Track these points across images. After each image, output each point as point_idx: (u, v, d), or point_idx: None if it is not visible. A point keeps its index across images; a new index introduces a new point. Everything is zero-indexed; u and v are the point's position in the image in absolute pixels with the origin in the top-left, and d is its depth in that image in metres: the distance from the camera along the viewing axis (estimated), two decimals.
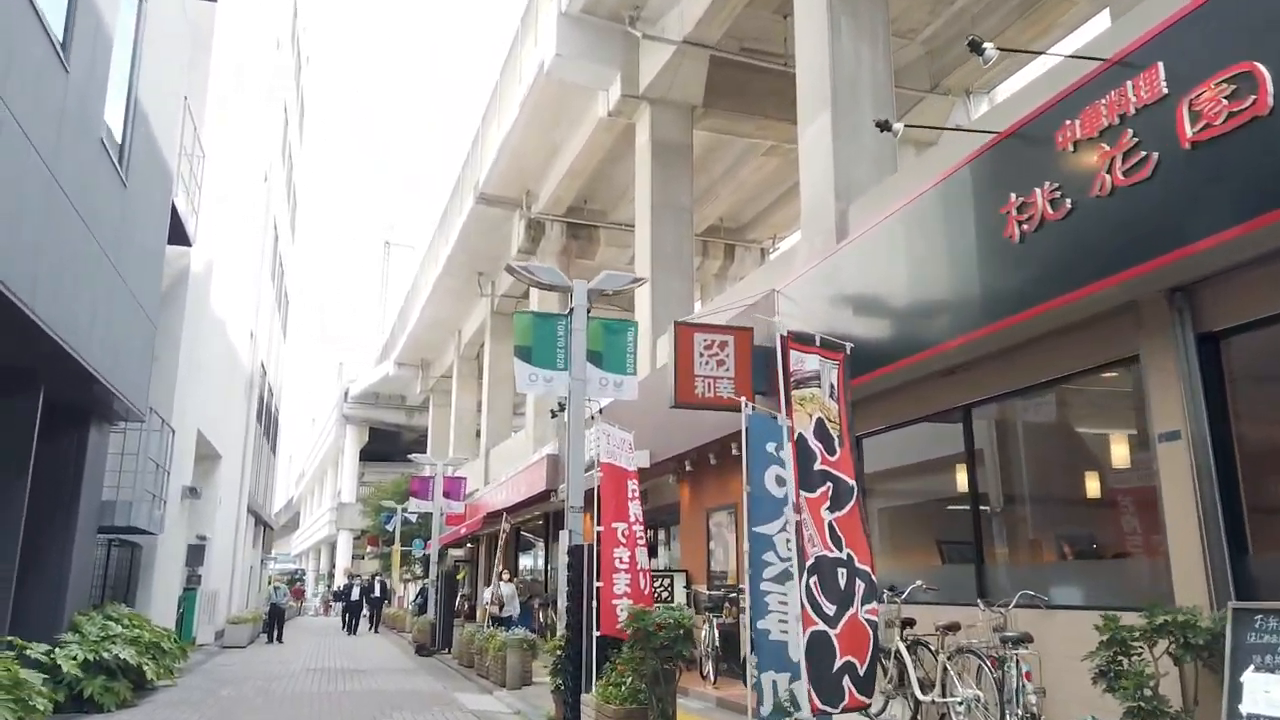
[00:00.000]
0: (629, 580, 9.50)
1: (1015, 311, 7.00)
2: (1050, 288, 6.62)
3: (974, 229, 7.59)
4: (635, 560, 9.76)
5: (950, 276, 7.91)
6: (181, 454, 15.37)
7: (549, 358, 10.98)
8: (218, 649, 19.77)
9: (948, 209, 8.04)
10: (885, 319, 9.03)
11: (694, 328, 10.92)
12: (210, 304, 16.91)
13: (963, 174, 7.83)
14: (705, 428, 12.39)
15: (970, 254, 7.61)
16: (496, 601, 16.57)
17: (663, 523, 15.93)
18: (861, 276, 9.69)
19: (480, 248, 31.30)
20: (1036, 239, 6.79)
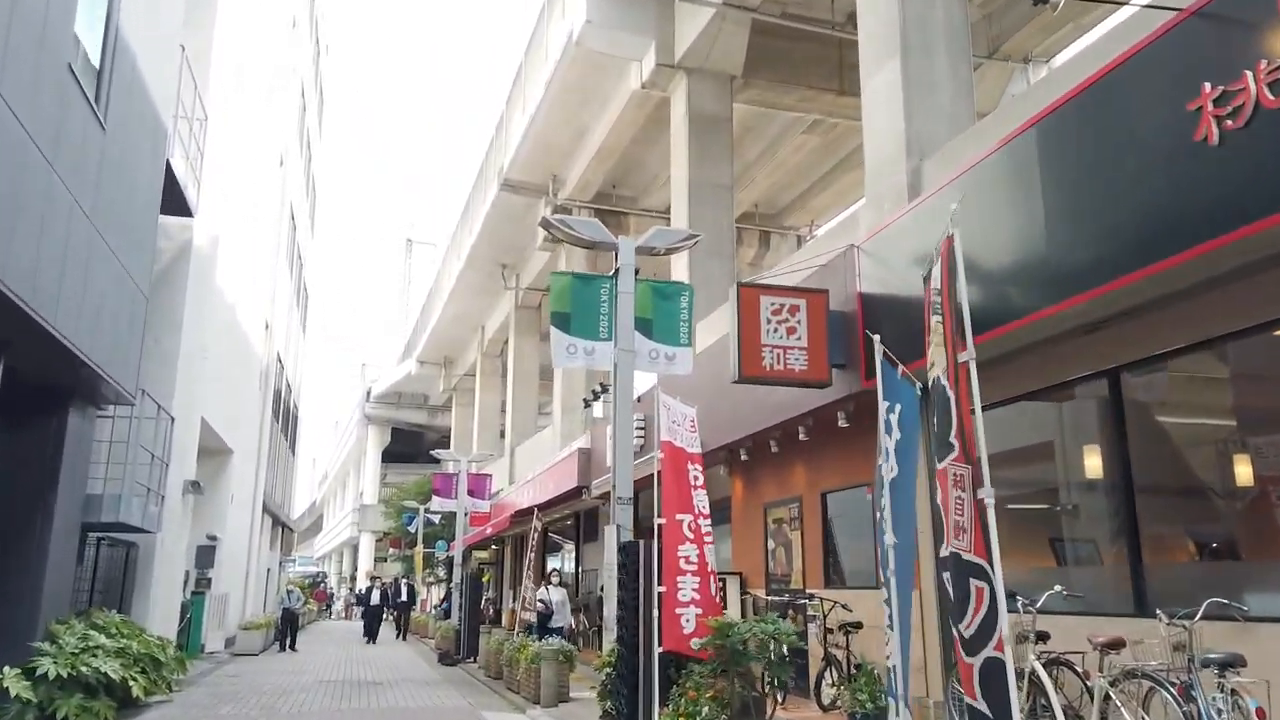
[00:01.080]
0: (697, 584, 7.85)
1: (1211, 236, 5.31)
2: (1271, 197, 4.95)
3: (1140, 139, 5.91)
4: (704, 560, 8.10)
5: (1103, 206, 6.22)
6: (183, 445, 13.90)
7: (590, 326, 9.39)
8: (228, 657, 18.29)
9: (1095, 123, 6.36)
10: (1003, 269, 7.34)
11: (760, 290, 9.30)
12: (217, 284, 15.44)
13: (1118, 76, 6.16)
14: (765, 410, 10.74)
15: (1137, 172, 5.93)
16: (536, 607, 14.47)
17: None
18: (966, 221, 8.00)
19: (504, 239, 29.83)
20: (1245, 136, 5.12)
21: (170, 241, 13.93)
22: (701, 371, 13.25)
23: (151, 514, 12.36)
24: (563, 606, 14.81)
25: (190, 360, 14.02)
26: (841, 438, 9.99)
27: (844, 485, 10.16)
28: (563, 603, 14.91)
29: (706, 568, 8.11)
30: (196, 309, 14.14)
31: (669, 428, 8.33)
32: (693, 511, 8.25)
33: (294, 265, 28.06)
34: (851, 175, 24.64)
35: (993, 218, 7.40)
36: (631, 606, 7.60)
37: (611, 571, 8.65)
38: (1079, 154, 6.51)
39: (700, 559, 8.05)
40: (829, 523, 10.56)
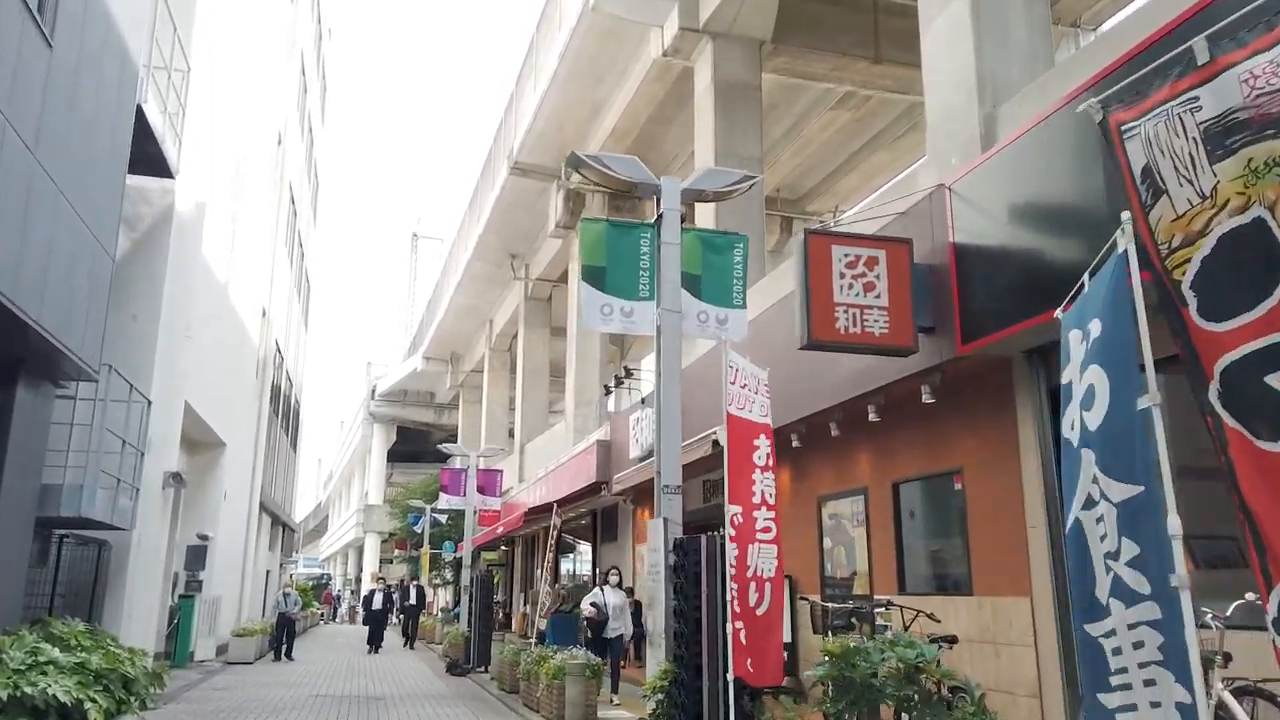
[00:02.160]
0: (771, 593, 6.24)
1: None
2: None
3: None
4: (781, 563, 6.51)
5: None
6: (163, 433, 12.35)
7: (628, 283, 7.81)
8: (219, 665, 16.72)
9: None
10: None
11: (832, 239, 7.71)
12: (204, 257, 13.90)
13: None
14: (825, 388, 9.17)
15: None
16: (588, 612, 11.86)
17: None
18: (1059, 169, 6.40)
19: (513, 226, 28.29)
20: None
21: (149, 207, 12.40)
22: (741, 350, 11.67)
23: (123, 508, 10.80)
24: (621, 612, 11.98)
25: (172, 339, 12.48)
26: (923, 417, 8.41)
27: (924, 473, 8.57)
28: (622, 607, 12.05)
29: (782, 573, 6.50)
30: (179, 283, 12.59)
31: (736, 397, 6.73)
32: (765, 501, 6.66)
33: (294, 253, 26.52)
34: (881, 155, 23.07)
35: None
36: (691, 619, 6.02)
37: (657, 574, 7.08)
38: None
39: (779, 564, 6.44)
40: (903, 518, 8.97)
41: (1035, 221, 6.76)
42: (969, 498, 7.91)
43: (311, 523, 79.74)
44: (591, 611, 11.71)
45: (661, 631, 6.91)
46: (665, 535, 7.10)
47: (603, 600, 11.82)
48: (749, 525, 6.26)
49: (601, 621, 11.70)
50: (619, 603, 12.03)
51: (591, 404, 24.83)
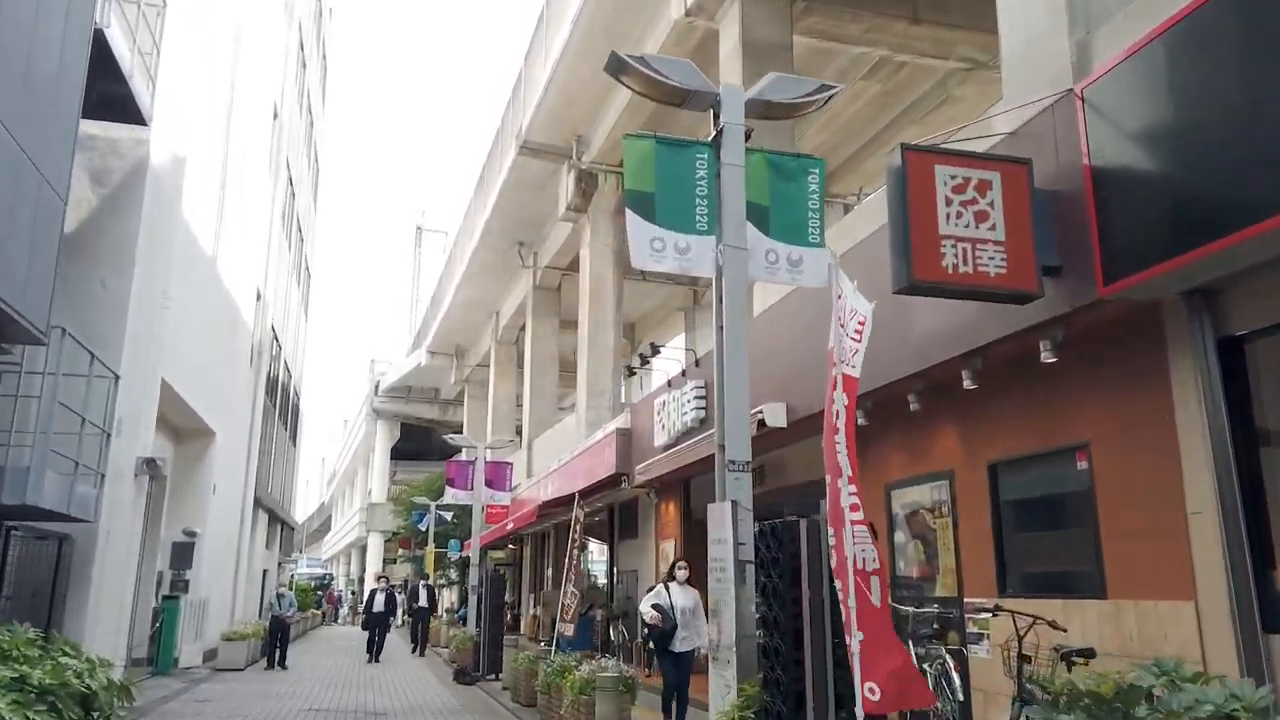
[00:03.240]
0: (881, 593, 4.67)
1: None
2: None
3: None
4: (884, 558, 4.93)
5: None
6: (136, 412, 10.82)
7: (683, 212, 6.25)
8: (206, 673, 15.17)
9: None
10: None
11: (935, 157, 6.15)
12: (186, 221, 12.36)
13: None
14: (904, 351, 7.63)
15: None
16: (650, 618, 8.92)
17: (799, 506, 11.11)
18: None
19: (521, 212, 26.76)
20: None
21: (120, 160, 10.89)
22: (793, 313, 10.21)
23: (83, 497, 9.27)
24: (694, 617, 8.88)
25: (146, 309, 10.95)
26: (1034, 382, 6.87)
27: (1033, 451, 7.01)
28: (694, 610, 8.92)
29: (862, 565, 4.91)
30: (155, 246, 11.06)
31: (840, 347, 5.15)
32: (838, 471, 5.09)
33: (293, 236, 25.00)
34: (911, 131, 21.50)
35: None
36: (789, 629, 4.48)
37: (724, 571, 5.54)
38: None
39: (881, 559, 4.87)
40: (1001, 505, 7.41)
41: (1204, 128, 5.24)
42: (1097, 478, 6.36)
43: (315, 522, 78.16)
44: (655, 617, 8.77)
45: (732, 644, 5.38)
46: (734, 523, 5.55)
47: (668, 601, 8.83)
48: (835, 501, 4.67)
49: (668, 631, 8.77)
50: (690, 605, 8.94)
51: (604, 395, 23.29)
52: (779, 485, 11.56)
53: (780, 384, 9.95)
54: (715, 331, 6.20)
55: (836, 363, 4.88)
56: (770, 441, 10.79)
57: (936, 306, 7.05)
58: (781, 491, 11.42)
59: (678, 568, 9.27)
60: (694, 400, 12.32)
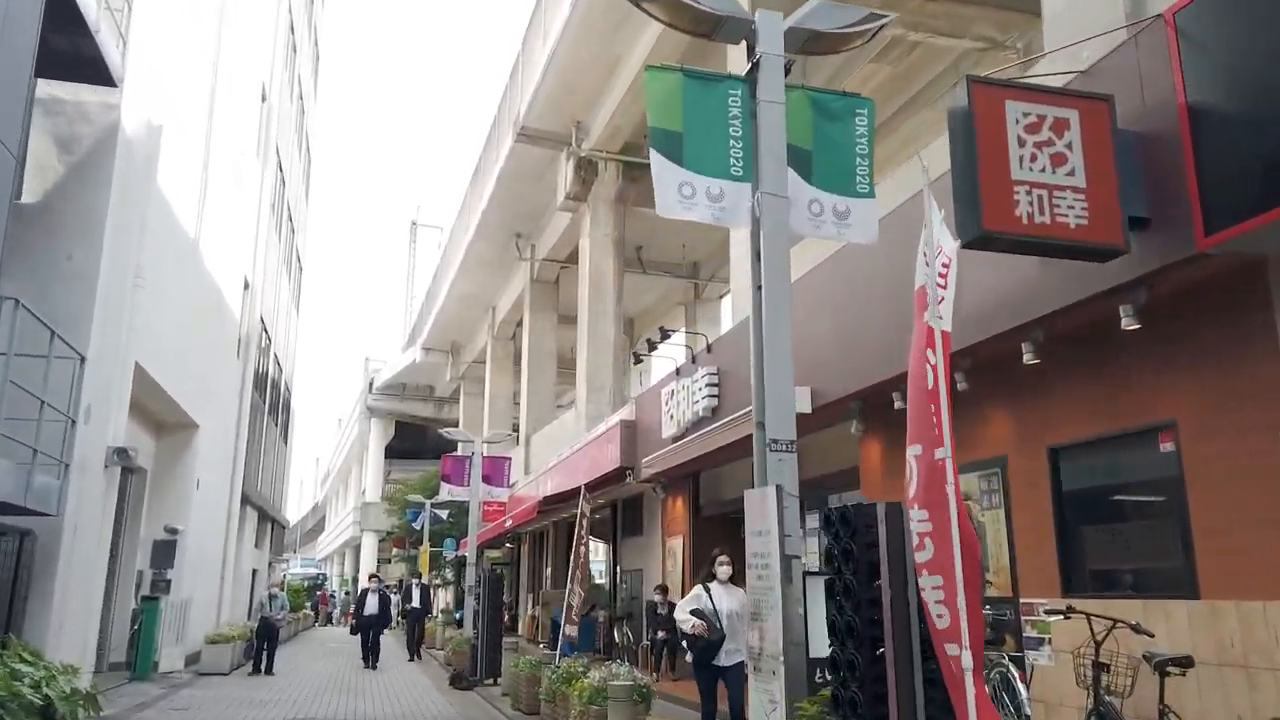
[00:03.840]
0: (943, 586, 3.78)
1: None
2: None
3: None
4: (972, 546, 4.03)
5: None
6: (105, 398, 9.92)
7: (715, 155, 5.40)
8: (188, 677, 14.26)
9: None
10: None
11: (1006, 91, 5.32)
12: (162, 194, 11.46)
13: None
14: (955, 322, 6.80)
15: None
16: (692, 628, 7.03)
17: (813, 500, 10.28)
18: None
19: (519, 202, 25.91)
20: None
21: (89, 125, 10.01)
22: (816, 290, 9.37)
23: (43, 488, 8.39)
24: (740, 622, 6.79)
25: (117, 286, 10.06)
26: (1112, 353, 6.05)
27: (1104, 433, 6.18)
28: (740, 615, 6.85)
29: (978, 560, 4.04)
30: (127, 218, 10.17)
31: (923, 274, 4.28)
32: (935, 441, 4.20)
33: (283, 226, 24.10)
34: (921, 117, 20.72)
35: None
36: (867, 638, 3.64)
37: (767, 568, 4.70)
38: None
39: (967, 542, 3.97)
40: (1064, 494, 6.58)
41: None
42: (1186, 462, 5.54)
43: (310, 522, 77.07)
44: (699, 625, 6.90)
45: (778, 655, 4.54)
46: (779, 512, 4.70)
47: (710, 605, 7.05)
48: (932, 478, 3.79)
49: (714, 642, 6.88)
50: (737, 608, 6.97)
51: (605, 389, 22.43)
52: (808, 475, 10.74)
53: (803, 367, 9.09)
54: (753, 292, 5.35)
55: (929, 304, 4.01)
56: None
57: (989, 271, 6.23)
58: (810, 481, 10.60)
59: (719, 563, 7.37)
60: (706, 388, 11.48)
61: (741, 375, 11.09)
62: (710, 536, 13.37)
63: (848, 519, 3.94)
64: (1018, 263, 5.91)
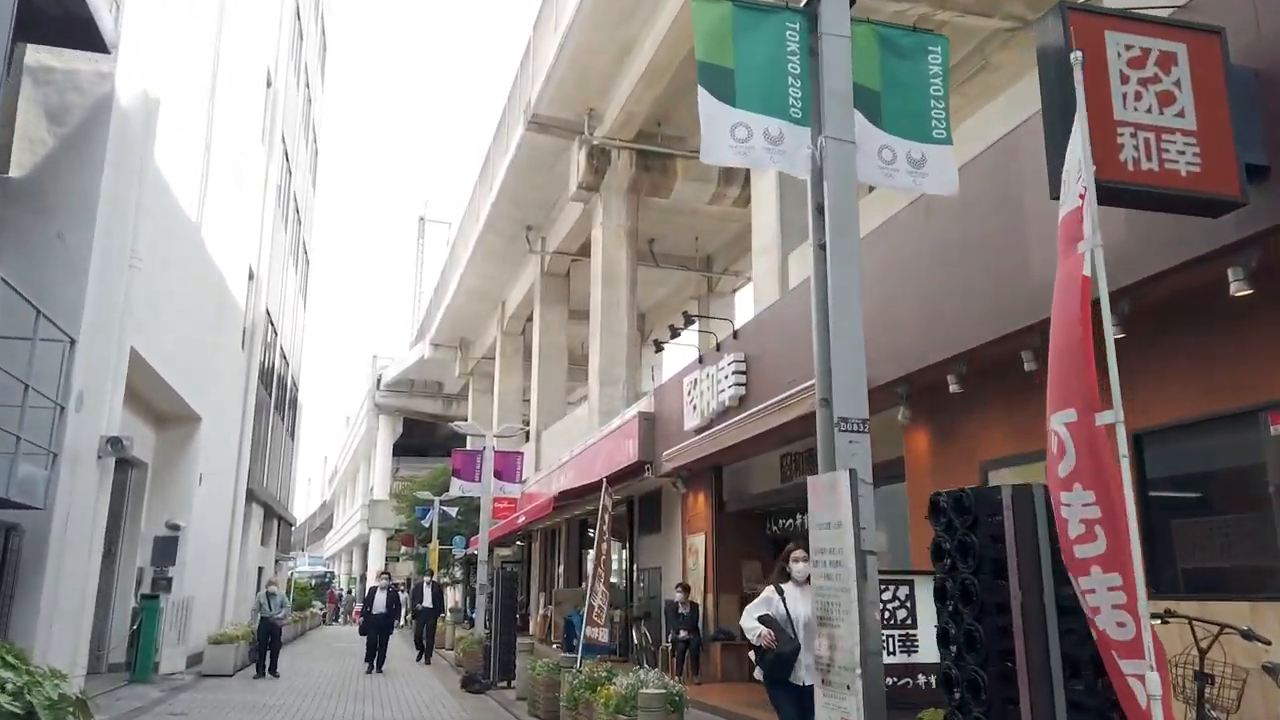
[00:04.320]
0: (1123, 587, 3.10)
1: None
2: None
3: None
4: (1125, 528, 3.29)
5: None
6: (99, 384, 9.28)
7: (772, 94, 4.67)
8: (190, 679, 13.63)
9: None
10: None
11: (1106, 20, 4.63)
12: (159, 172, 10.82)
13: None
14: (1014, 299, 6.14)
15: None
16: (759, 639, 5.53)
17: None
18: None
19: (529, 193, 25.28)
20: None
21: (80, 95, 9.37)
22: None
23: (29, 479, 7.76)
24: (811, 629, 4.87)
25: (111, 268, 9.42)
26: (1207, 325, 5.37)
27: (1201, 415, 5.50)
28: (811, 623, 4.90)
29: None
30: (121, 197, 9.53)
31: (1073, 196, 3.54)
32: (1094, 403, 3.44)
33: (289, 217, 23.47)
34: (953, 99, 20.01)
35: None
36: (993, 653, 2.96)
37: (839, 566, 4.04)
38: None
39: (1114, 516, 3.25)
40: (1149, 485, 5.89)
41: None
42: None
43: (318, 520, 76.61)
44: (768, 635, 5.49)
45: (853, 666, 3.87)
46: (853, 501, 4.04)
47: (783, 610, 5.70)
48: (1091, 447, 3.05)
49: (787, 654, 5.49)
50: (807, 615, 5.41)
51: (619, 383, 21.78)
52: None
53: None
54: (814, 252, 4.68)
55: (1087, 230, 3.31)
56: None
57: None
58: None
59: (794, 560, 5.89)
60: (732, 376, 10.82)
61: (770, 362, 10.43)
62: (735, 533, 12.73)
63: (964, 505, 3.26)
64: (1106, 219, 5.23)
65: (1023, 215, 6.34)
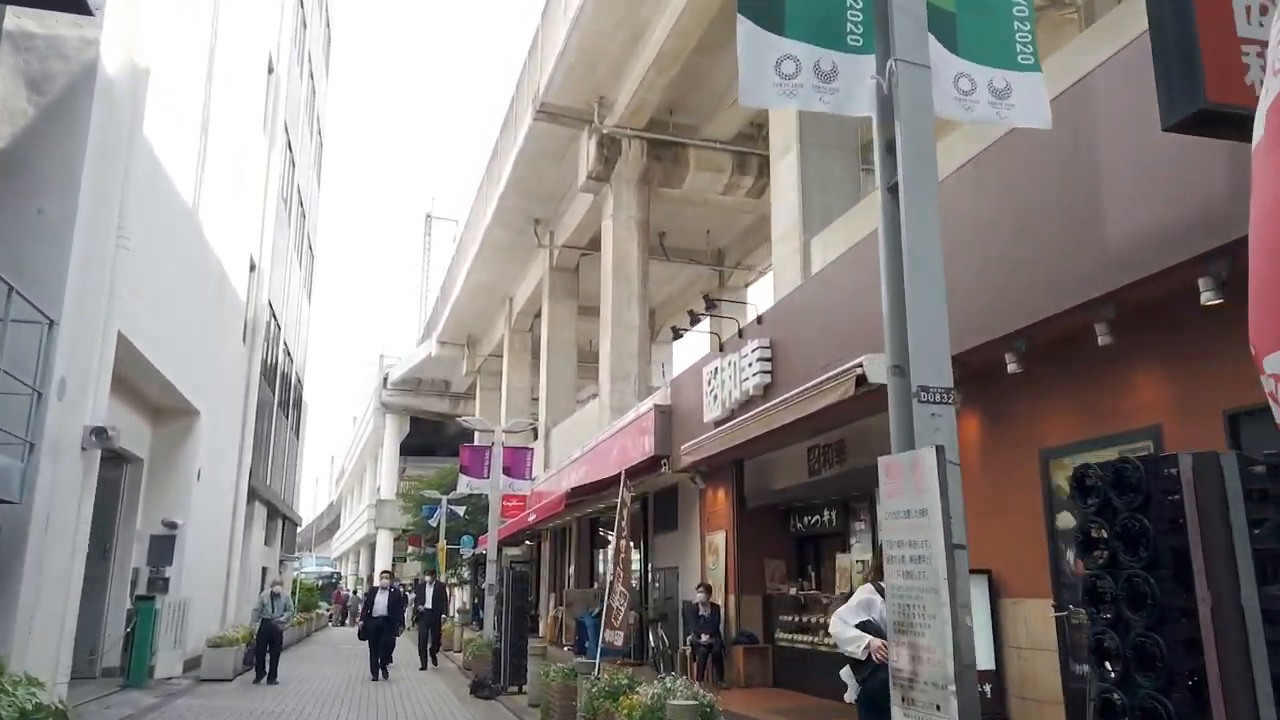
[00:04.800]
0: None
1: None
2: None
3: None
4: None
5: None
6: (83, 370, 8.64)
7: (825, 20, 4.02)
8: (187, 684, 12.99)
9: None
10: None
11: None
12: (150, 146, 10.17)
13: None
14: (1088, 263, 5.47)
15: None
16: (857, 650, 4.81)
17: None
18: None
19: (538, 184, 24.66)
20: None
21: (65, 64, 8.74)
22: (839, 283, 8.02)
23: (2, 471, 7.12)
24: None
25: (96, 246, 8.78)
26: None
27: None
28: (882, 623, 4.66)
29: None
30: (107, 170, 8.89)
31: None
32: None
33: (293, 209, 22.85)
34: None
35: None
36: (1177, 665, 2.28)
37: (923, 559, 3.37)
38: None
39: None
40: None
41: None
42: None
43: (325, 521, 76.08)
44: (879, 649, 4.68)
45: (946, 681, 3.20)
46: (940, 482, 3.36)
47: (873, 616, 4.92)
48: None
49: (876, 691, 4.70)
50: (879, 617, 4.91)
51: (629, 378, 21.12)
52: (867, 464, 9.33)
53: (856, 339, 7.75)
54: (882, 197, 4.00)
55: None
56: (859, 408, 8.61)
57: (1153, 185, 4.88)
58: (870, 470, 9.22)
59: (878, 562, 4.81)
60: (757, 364, 10.15)
61: (798, 348, 9.75)
62: (757, 531, 12.05)
63: (1128, 480, 2.56)
64: (1200, 158, 4.57)
65: (1097, 169, 5.66)
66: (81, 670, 12.32)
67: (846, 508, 10.75)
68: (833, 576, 11.35)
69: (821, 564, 11.72)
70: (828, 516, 11.06)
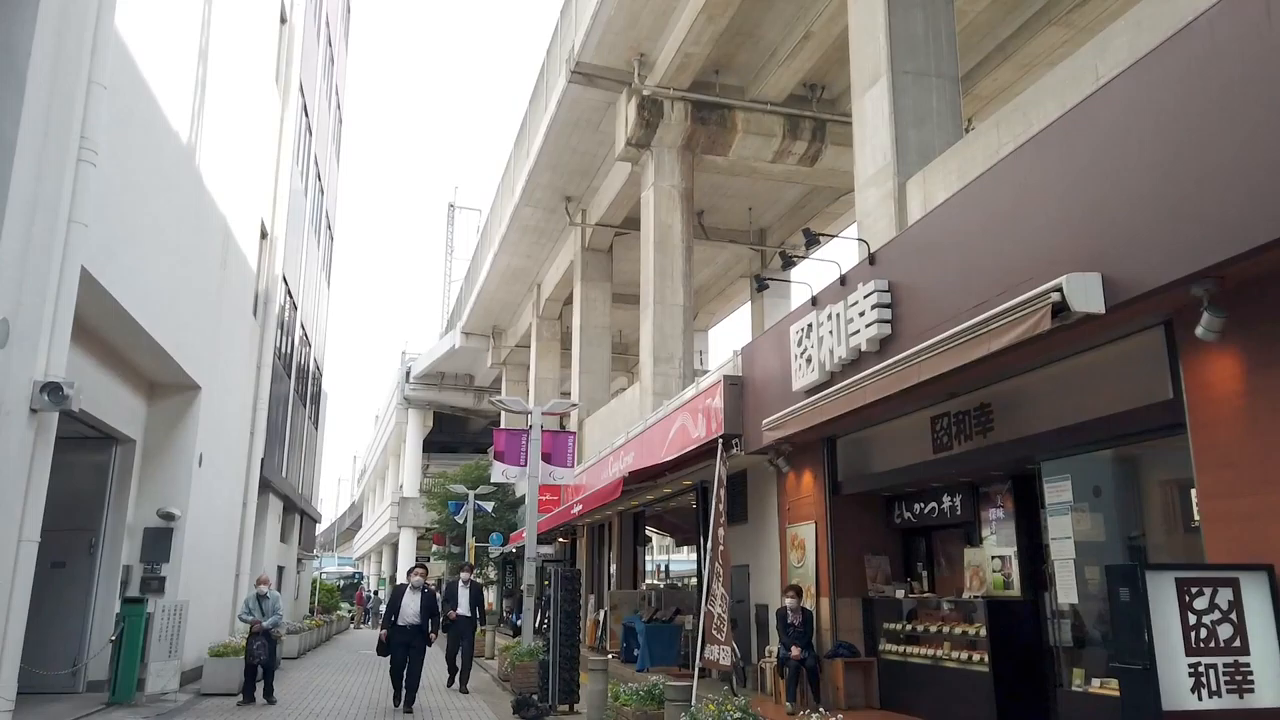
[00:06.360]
0: None
1: None
2: None
3: None
4: None
5: None
6: (35, 313, 6.65)
7: None
8: (184, 700, 11.00)
9: None
10: None
11: None
12: (125, 47, 8.21)
13: None
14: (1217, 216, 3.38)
15: None
16: None
17: (1061, 463, 6.78)
18: None
19: (571, 157, 22.69)
20: None
21: None
22: (1123, 113, 5.90)
23: None
24: None
25: (49, 154, 6.82)
26: None
27: None
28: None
29: None
30: (65, 63, 6.92)
31: None
32: None
33: (309, 180, 20.94)
34: (1050, 35, 17.19)
35: None
36: None
37: None
38: None
39: None
40: None
41: None
42: None
43: (347, 520, 74.39)
44: None
45: None
46: None
47: None
48: None
49: None
50: None
51: (674, 360, 19.08)
52: (1020, 434, 7.20)
53: (1091, 239, 5.65)
54: None
55: None
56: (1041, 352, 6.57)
57: None
58: (1025, 443, 7.11)
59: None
60: (871, 311, 8.06)
61: (931, 289, 7.68)
62: (855, 521, 9.96)
63: None
64: None
65: None
66: (63, 685, 10.40)
67: (975, 492, 8.64)
68: (952, 576, 9.25)
69: (935, 561, 9.62)
70: (949, 504, 8.95)
